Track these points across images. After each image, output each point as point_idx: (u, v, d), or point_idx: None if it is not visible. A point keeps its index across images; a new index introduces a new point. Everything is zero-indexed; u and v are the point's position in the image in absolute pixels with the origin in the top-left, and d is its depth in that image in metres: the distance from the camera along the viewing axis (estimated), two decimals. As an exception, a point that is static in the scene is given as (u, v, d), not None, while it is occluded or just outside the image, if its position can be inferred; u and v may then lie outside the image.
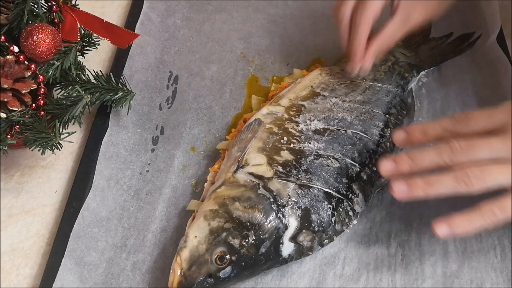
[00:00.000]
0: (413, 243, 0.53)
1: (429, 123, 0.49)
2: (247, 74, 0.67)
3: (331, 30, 0.70)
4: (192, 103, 0.64)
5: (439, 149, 0.46)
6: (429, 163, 0.46)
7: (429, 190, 0.45)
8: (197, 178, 0.58)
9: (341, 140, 0.53)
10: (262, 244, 0.48)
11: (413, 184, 0.46)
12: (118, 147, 0.59)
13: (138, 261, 0.53)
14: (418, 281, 0.51)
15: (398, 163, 0.47)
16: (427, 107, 0.63)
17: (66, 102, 0.53)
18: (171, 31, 0.70)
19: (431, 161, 0.46)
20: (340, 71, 0.61)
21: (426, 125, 0.49)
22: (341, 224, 0.50)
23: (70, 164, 0.60)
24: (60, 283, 0.50)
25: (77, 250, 0.52)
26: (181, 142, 0.61)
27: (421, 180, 0.46)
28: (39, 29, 0.49)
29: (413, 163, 0.47)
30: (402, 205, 0.56)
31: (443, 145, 0.46)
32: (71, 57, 0.52)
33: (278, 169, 0.51)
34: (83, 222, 0.54)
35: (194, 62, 0.68)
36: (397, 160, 0.47)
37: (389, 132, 0.56)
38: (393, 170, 0.47)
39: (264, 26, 0.71)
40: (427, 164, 0.46)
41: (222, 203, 0.49)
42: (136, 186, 0.58)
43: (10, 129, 0.50)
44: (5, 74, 0.48)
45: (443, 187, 0.45)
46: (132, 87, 0.62)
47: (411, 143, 0.49)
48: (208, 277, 0.47)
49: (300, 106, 0.56)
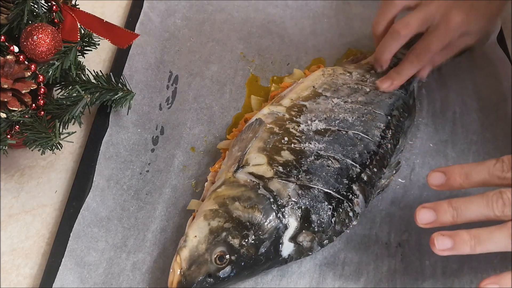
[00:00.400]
0: (413, 243, 0.53)
1: (472, 165, 0.44)
2: (247, 74, 0.67)
3: (331, 30, 0.71)
4: (192, 103, 0.64)
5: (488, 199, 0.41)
6: (476, 216, 0.41)
7: (478, 247, 0.41)
8: (197, 178, 0.58)
9: (342, 140, 0.53)
10: (262, 244, 0.48)
11: (459, 240, 0.41)
12: (118, 147, 0.59)
13: (138, 261, 0.53)
14: (418, 281, 0.51)
15: (439, 214, 0.42)
16: (427, 107, 0.63)
17: (66, 102, 0.53)
18: (171, 31, 0.70)
19: (479, 214, 0.41)
20: (345, 74, 0.60)
21: (469, 167, 0.43)
22: (341, 225, 0.50)
23: (70, 164, 0.60)
24: (60, 283, 0.50)
25: (77, 250, 0.52)
26: (181, 142, 0.61)
27: (468, 235, 0.41)
28: (39, 29, 0.49)
29: (457, 215, 0.41)
30: (402, 205, 0.56)
31: (493, 195, 0.41)
32: (71, 57, 0.52)
33: (279, 169, 0.51)
34: (83, 222, 0.54)
35: (194, 62, 0.68)
36: (438, 210, 0.42)
37: (390, 134, 0.56)
38: (433, 222, 0.42)
39: (264, 26, 0.71)
40: (474, 216, 0.41)
41: (222, 203, 0.49)
42: (136, 186, 0.58)
43: (10, 129, 0.50)
44: (5, 74, 0.48)
45: (494, 244, 0.40)
46: (132, 87, 0.62)
47: (450, 187, 0.44)
48: (207, 277, 0.47)
49: (301, 106, 0.56)
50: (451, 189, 0.44)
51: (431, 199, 0.55)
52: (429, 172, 0.45)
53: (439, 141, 0.60)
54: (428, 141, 0.60)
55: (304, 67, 0.67)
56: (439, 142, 0.60)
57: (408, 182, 0.57)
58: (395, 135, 0.56)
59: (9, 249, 0.55)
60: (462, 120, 0.61)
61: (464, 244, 0.41)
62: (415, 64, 0.57)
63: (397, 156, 0.57)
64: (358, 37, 0.69)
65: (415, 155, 0.59)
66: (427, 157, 0.59)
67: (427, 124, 0.61)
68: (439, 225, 0.42)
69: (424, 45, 0.55)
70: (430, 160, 0.59)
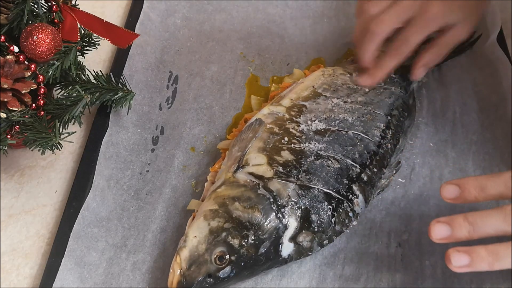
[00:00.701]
0: (413, 243, 0.53)
1: (487, 177, 0.42)
2: (247, 74, 0.67)
3: (331, 30, 0.71)
4: (192, 103, 0.64)
5: (506, 213, 0.39)
6: (493, 231, 0.40)
7: (496, 264, 0.39)
8: (197, 178, 0.58)
9: (342, 141, 0.53)
10: (262, 244, 0.48)
11: (476, 256, 0.39)
12: (118, 147, 0.59)
13: (138, 261, 0.53)
14: (418, 281, 0.51)
15: (455, 229, 0.41)
16: (427, 107, 0.63)
17: (66, 102, 0.53)
18: (171, 31, 0.70)
19: (496, 228, 0.39)
20: (345, 74, 0.60)
21: (484, 180, 0.41)
22: (341, 225, 0.50)
23: (70, 164, 0.60)
24: (60, 283, 0.50)
25: (77, 250, 0.52)
26: (181, 142, 0.61)
27: (485, 251, 0.39)
28: (39, 29, 0.49)
29: (474, 230, 0.40)
30: (402, 205, 0.56)
31: (510, 208, 0.39)
32: (71, 57, 0.52)
33: (279, 169, 0.51)
34: (83, 222, 0.54)
35: (194, 62, 0.68)
36: (453, 225, 0.41)
37: (390, 134, 0.56)
38: (448, 237, 0.41)
39: (264, 26, 0.71)
40: (491, 231, 0.40)
41: (222, 203, 0.49)
42: (136, 186, 0.58)
43: (10, 129, 0.50)
44: (5, 74, 0.48)
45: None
46: (132, 87, 0.62)
47: (464, 200, 0.42)
48: (207, 277, 0.47)
49: (301, 106, 0.56)
50: (466, 202, 0.42)
51: (431, 199, 0.56)
52: (442, 185, 0.44)
53: (439, 141, 0.60)
54: (428, 141, 0.60)
55: (304, 67, 0.67)
56: (439, 142, 0.60)
57: (408, 182, 0.57)
58: (395, 135, 0.56)
59: (9, 249, 0.55)
60: (462, 120, 0.61)
61: (481, 261, 0.39)
62: (395, 56, 0.56)
63: (397, 156, 0.57)
64: (358, 37, 0.69)
65: (415, 155, 0.59)
66: (427, 157, 0.59)
67: (427, 124, 0.61)
68: (454, 241, 0.41)
69: (403, 37, 0.55)
70: (430, 160, 0.59)
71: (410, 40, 0.54)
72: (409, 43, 0.55)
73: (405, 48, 0.55)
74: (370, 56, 0.57)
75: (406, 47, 0.55)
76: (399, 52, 0.56)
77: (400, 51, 0.56)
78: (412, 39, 0.54)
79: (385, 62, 0.57)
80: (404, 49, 0.55)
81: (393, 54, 0.56)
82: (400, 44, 0.55)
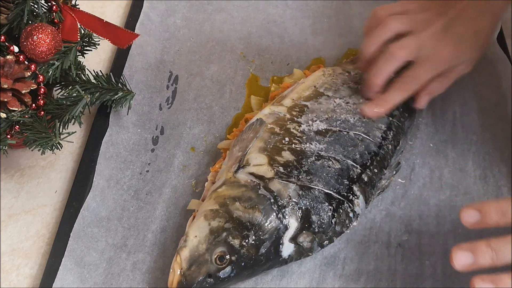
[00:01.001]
0: (413, 243, 0.53)
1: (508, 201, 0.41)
2: (247, 74, 0.67)
3: (331, 30, 0.71)
4: (192, 103, 0.64)
5: None
6: None
7: None
8: (197, 178, 0.58)
9: (343, 141, 0.53)
10: (262, 245, 0.48)
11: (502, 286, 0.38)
12: (118, 147, 0.59)
13: (138, 261, 0.53)
14: (418, 281, 0.51)
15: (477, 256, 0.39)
16: (427, 107, 0.63)
17: (66, 102, 0.53)
18: (171, 31, 0.70)
19: None
20: (344, 73, 0.60)
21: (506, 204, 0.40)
22: (341, 226, 0.50)
23: (70, 164, 0.60)
24: (60, 283, 0.50)
25: (77, 250, 0.52)
26: (181, 142, 0.61)
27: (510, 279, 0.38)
28: (39, 29, 0.49)
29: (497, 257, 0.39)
30: (402, 205, 0.56)
31: None
32: (71, 57, 0.52)
33: (279, 170, 0.51)
34: (83, 222, 0.54)
35: (194, 62, 0.68)
36: (476, 252, 0.39)
37: (391, 135, 0.56)
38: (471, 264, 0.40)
39: (264, 26, 0.71)
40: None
41: (223, 203, 0.49)
42: (136, 186, 0.58)
43: (10, 129, 0.50)
44: (5, 74, 0.48)
45: None
46: (132, 87, 0.62)
47: (485, 225, 0.41)
48: (207, 277, 0.47)
49: (303, 106, 0.56)
50: (487, 227, 0.41)
51: (431, 199, 0.56)
52: (461, 209, 0.42)
53: (439, 141, 0.60)
54: (428, 141, 0.60)
55: (304, 67, 0.67)
56: (439, 142, 0.60)
57: (408, 182, 0.57)
58: (396, 136, 0.56)
59: (9, 249, 0.55)
60: (462, 120, 0.61)
61: None
62: (402, 92, 0.55)
63: (398, 157, 0.57)
64: (358, 37, 0.69)
65: (415, 155, 0.59)
66: (427, 157, 0.59)
67: (427, 124, 0.61)
68: (478, 268, 0.40)
69: (413, 74, 0.54)
70: (430, 160, 0.59)
71: (420, 78, 0.54)
72: (419, 80, 0.55)
73: (414, 85, 0.55)
74: (384, 80, 0.55)
75: (415, 84, 0.55)
76: (407, 87, 0.55)
77: (408, 86, 0.55)
78: (422, 78, 0.54)
79: (392, 95, 0.56)
80: (413, 86, 0.55)
81: (401, 89, 0.55)
82: (409, 81, 0.55)
